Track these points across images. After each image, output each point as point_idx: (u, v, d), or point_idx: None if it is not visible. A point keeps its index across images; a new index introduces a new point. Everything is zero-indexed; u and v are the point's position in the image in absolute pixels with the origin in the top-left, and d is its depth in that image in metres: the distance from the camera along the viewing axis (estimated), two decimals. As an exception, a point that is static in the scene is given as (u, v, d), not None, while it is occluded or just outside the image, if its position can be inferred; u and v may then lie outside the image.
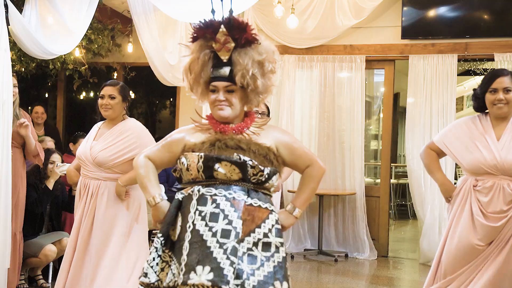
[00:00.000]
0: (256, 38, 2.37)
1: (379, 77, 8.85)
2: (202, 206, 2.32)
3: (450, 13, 7.07)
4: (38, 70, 7.31)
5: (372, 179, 9.68)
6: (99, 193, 3.86)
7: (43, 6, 4.67)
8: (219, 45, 2.35)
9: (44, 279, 5.39)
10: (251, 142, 2.39)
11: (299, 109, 7.52)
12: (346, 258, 7.12)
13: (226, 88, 2.37)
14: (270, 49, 2.41)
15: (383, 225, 7.36)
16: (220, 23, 2.34)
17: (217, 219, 2.28)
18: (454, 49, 6.99)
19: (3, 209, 4.21)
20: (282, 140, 2.46)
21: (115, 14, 7.24)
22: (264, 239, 2.32)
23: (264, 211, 2.36)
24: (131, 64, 7.76)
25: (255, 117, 2.48)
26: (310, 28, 7.30)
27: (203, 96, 2.45)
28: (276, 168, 2.41)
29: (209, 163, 2.34)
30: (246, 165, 2.32)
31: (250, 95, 2.40)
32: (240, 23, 2.35)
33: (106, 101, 3.90)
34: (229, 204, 2.31)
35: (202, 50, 2.38)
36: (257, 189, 2.38)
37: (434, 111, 6.96)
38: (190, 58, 2.41)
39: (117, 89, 3.92)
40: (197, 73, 2.40)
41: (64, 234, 5.45)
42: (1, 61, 4.23)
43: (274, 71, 2.42)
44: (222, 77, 2.36)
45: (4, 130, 4.24)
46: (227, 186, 2.35)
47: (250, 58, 2.34)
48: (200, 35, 2.38)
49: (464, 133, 3.65)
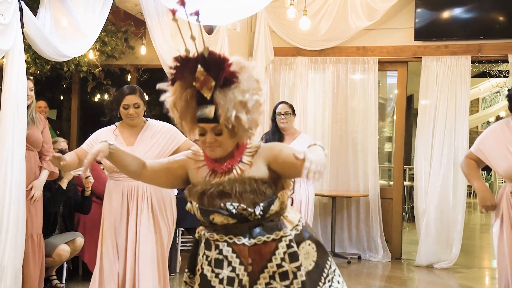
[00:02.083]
0: (235, 75, 2.22)
1: (392, 79, 8.84)
2: (208, 250, 2.37)
3: (463, 14, 7.03)
4: (53, 73, 7.37)
5: (385, 181, 9.65)
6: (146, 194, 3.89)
7: (57, 9, 4.71)
8: (200, 84, 2.23)
9: (58, 279, 5.43)
10: (237, 181, 2.32)
11: (311, 111, 7.52)
12: (359, 260, 7.10)
13: (213, 130, 2.30)
14: (252, 80, 2.28)
15: (396, 227, 7.33)
16: (197, 63, 2.21)
17: (222, 266, 2.32)
18: (468, 50, 6.95)
19: (17, 210, 4.24)
20: (269, 155, 2.38)
21: (128, 17, 7.28)
22: (279, 270, 2.31)
23: (271, 244, 2.33)
24: (144, 66, 7.80)
25: (245, 147, 2.41)
26: (322, 30, 7.30)
27: (192, 131, 2.38)
28: (272, 196, 2.34)
29: (204, 214, 2.37)
30: (235, 214, 2.31)
31: (239, 133, 2.32)
32: (217, 60, 2.20)
33: (132, 111, 3.92)
34: (231, 250, 2.33)
35: (183, 89, 2.28)
36: (260, 223, 2.35)
37: (447, 113, 6.91)
38: (173, 98, 2.32)
39: (139, 97, 3.95)
40: (182, 111, 2.32)
41: (77, 234, 5.49)
42: (16, 64, 4.27)
43: (260, 102, 2.32)
44: (207, 118, 2.27)
45: (19, 133, 4.28)
46: (227, 230, 2.35)
47: (231, 101, 2.22)
48: (178, 77, 2.27)
49: (499, 138, 3.59)
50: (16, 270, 4.25)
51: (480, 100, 16.53)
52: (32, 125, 4.72)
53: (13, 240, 4.20)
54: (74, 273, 5.91)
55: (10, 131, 4.21)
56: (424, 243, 6.89)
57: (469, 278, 6.41)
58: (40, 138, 4.81)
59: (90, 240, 5.65)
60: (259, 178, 2.34)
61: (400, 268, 6.84)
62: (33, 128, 4.73)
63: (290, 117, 5.59)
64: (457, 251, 6.78)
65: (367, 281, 6.12)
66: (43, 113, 6.80)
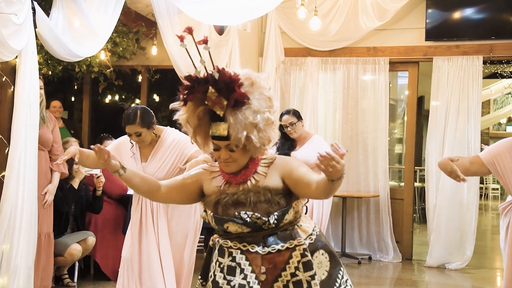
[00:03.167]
0: (246, 96, 2.24)
1: (403, 79, 8.81)
2: (221, 257, 2.39)
3: (475, 14, 7.01)
4: (64, 74, 7.41)
5: (396, 182, 9.62)
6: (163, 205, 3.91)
7: (70, 9, 4.74)
8: (212, 103, 2.25)
9: (70, 278, 5.46)
10: (251, 191, 2.34)
11: (322, 112, 7.52)
12: (370, 261, 7.09)
13: (227, 147, 2.32)
14: (264, 102, 2.30)
15: (407, 227, 7.30)
16: (208, 84, 2.23)
17: (234, 273, 2.33)
18: (479, 50, 6.93)
19: (29, 209, 4.27)
20: (285, 169, 2.38)
21: (140, 18, 7.31)
22: (293, 279, 2.32)
23: (284, 253, 2.34)
24: (155, 67, 7.82)
25: (260, 159, 2.42)
26: (333, 30, 7.30)
27: (206, 146, 2.40)
28: (286, 206, 2.35)
29: (219, 222, 2.38)
30: (249, 223, 2.32)
31: (251, 150, 2.34)
32: (228, 81, 2.22)
33: (135, 139, 3.91)
34: (244, 258, 2.34)
35: (196, 107, 2.30)
36: (274, 232, 2.36)
37: (458, 114, 6.88)
38: (186, 115, 2.35)
39: (139, 125, 3.86)
40: (195, 127, 2.35)
41: (89, 233, 5.52)
42: (28, 64, 4.31)
43: (272, 120, 2.33)
44: (221, 136, 2.28)
45: (31, 132, 4.32)
46: (241, 239, 2.37)
47: (242, 122, 2.24)
48: (190, 99, 2.30)
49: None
50: (28, 269, 4.28)
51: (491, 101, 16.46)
52: (42, 124, 4.75)
53: (26, 239, 4.24)
54: (86, 272, 5.94)
55: (23, 130, 4.25)
56: (435, 244, 6.87)
57: (481, 279, 6.38)
58: (51, 137, 4.85)
59: (102, 239, 5.69)
60: (273, 188, 2.35)
61: (411, 269, 6.82)
62: (43, 128, 4.76)
63: (297, 125, 5.50)
64: (470, 252, 6.75)
65: (378, 282, 6.10)
66: (57, 113, 6.92)
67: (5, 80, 4.36)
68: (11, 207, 4.16)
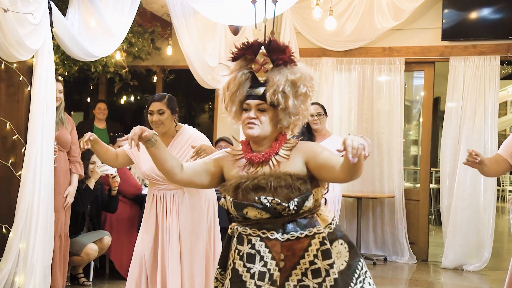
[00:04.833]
0: (294, 60, 2.39)
1: (419, 80, 8.76)
2: (240, 245, 2.39)
3: (492, 14, 6.95)
4: (80, 74, 7.46)
5: (411, 183, 9.56)
6: (178, 201, 3.88)
7: (86, 9, 4.77)
8: (258, 66, 2.37)
9: (86, 277, 5.49)
10: (272, 176, 2.35)
11: (337, 112, 7.49)
12: (385, 262, 7.05)
13: (258, 107, 2.37)
14: (306, 72, 2.40)
15: (422, 228, 7.25)
16: (261, 44, 2.38)
17: (254, 261, 2.33)
18: (496, 50, 6.86)
19: (46, 209, 4.30)
20: (310, 152, 2.40)
21: (155, 18, 7.34)
22: (312, 267, 2.31)
23: (304, 240, 2.34)
24: (170, 67, 7.85)
25: (285, 139, 2.44)
26: (348, 31, 7.27)
27: (237, 115, 2.45)
28: (306, 192, 2.35)
29: (238, 207, 2.38)
30: (269, 208, 2.32)
31: (280, 115, 2.37)
32: (280, 46, 2.37)
33: (156, 117, 3.84)
34: (264, 245, 2.34)
35: (240, 70, 2.41)
36: (293, 219, 2.36)
37: (475, 114, 6.82)
38: (228, 78, 2.44)
39: (165, 104, 3.85)
40: (234, 92, 2.41)
41: (104, 233, 5.54)
42: (45, 63, 4.34)
43: (309, 94, 2.39)
44: (255, 95, 2.37)
45: (48, 132, 4.34)
46: (260, 225, 2.36)
47: (283, 76, 2.34)
48: (240, 55, 2.41)
49: None
50: (45, 268, 4.31)
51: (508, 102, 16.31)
52: (61, 125, 4.80)
53: (42, 238, 4.27)
54: (101, 271, 5.97)
55: (40, 130, 4.28)
56: (451, 246, 6.81)
57: (499, 280, 6.30)
58: (69, 138, 4.89)
59: (117, 238, 5.71)
60: (294, 173, 2.36)
61: (426, 270, 6.77)
62: (62, 129, 4.81)
63: (323, 117, 5.53)
64: (488, 253, 6.69)
65: (393, 282, 6.06)
66: (101, 115, 7.24)
67: (22, 79, 4.40)
68: (28, 206, 4.19)
